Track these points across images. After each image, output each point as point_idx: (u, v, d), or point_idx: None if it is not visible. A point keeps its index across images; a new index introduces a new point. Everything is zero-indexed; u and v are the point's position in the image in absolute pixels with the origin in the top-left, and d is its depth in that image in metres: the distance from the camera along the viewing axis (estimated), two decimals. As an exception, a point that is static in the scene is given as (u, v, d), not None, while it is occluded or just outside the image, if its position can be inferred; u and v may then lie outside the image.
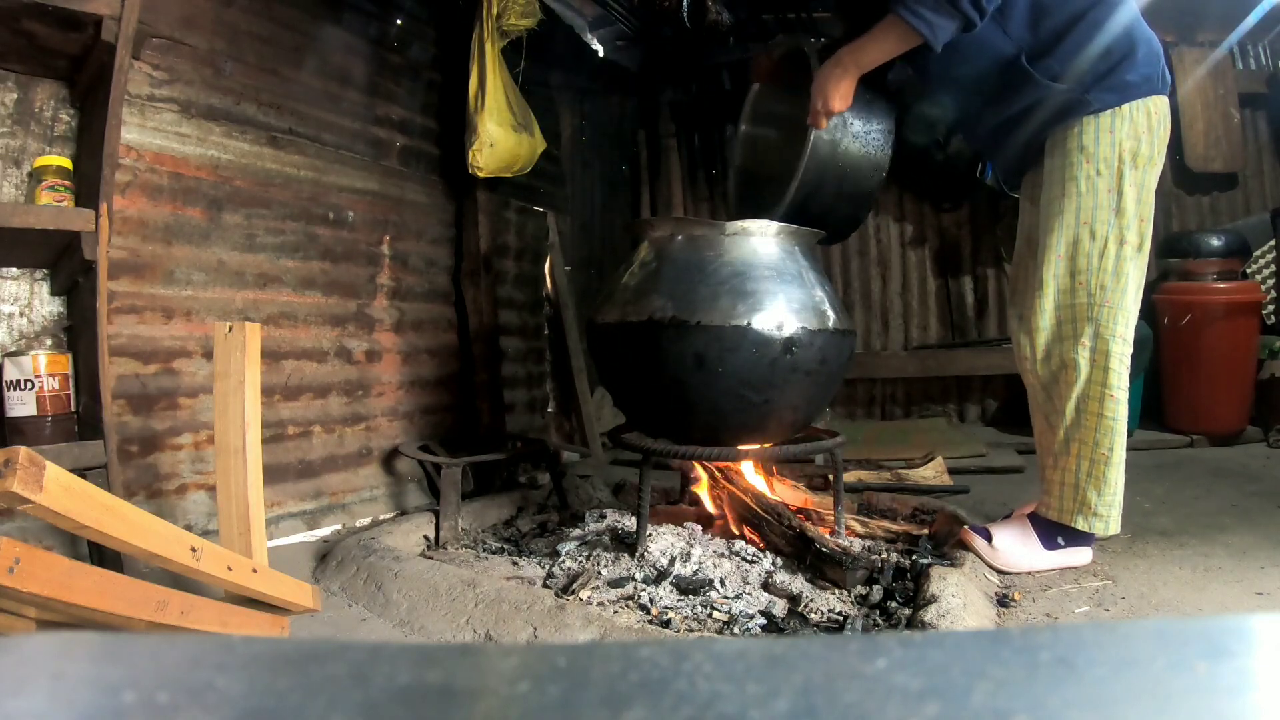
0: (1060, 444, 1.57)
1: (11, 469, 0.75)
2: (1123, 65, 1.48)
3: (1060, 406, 1.56)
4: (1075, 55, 1.47)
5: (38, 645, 0.24)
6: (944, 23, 1.42)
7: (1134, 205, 1.49)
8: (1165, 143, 1.52)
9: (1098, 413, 1.52)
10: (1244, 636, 0.23)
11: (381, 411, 2.28)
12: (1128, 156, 1.49)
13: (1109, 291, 1.50)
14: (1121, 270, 1.50)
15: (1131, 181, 1.49)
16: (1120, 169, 1.49)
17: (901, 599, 1.41)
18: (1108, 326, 1.50)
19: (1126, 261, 1.50)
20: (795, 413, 1.62)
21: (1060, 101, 1.51)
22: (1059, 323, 1.55)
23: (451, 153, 2.52)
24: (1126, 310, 1.51)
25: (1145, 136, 1.49)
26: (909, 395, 3.83)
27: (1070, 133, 1.52)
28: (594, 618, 1.31)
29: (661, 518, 1.80)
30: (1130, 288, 1.51)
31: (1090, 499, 1.54)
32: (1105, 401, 1.51)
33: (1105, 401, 1.51)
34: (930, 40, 1.43)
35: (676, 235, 1.61)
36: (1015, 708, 0.18)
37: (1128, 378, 1.52)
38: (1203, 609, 1.36)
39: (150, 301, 1.71)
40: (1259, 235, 3.33)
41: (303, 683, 0.20)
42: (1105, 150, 1.49)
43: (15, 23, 1.31)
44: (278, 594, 1.20)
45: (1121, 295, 1.50)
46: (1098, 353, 1.51)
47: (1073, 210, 1.52)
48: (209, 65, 1.84)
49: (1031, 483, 2.46)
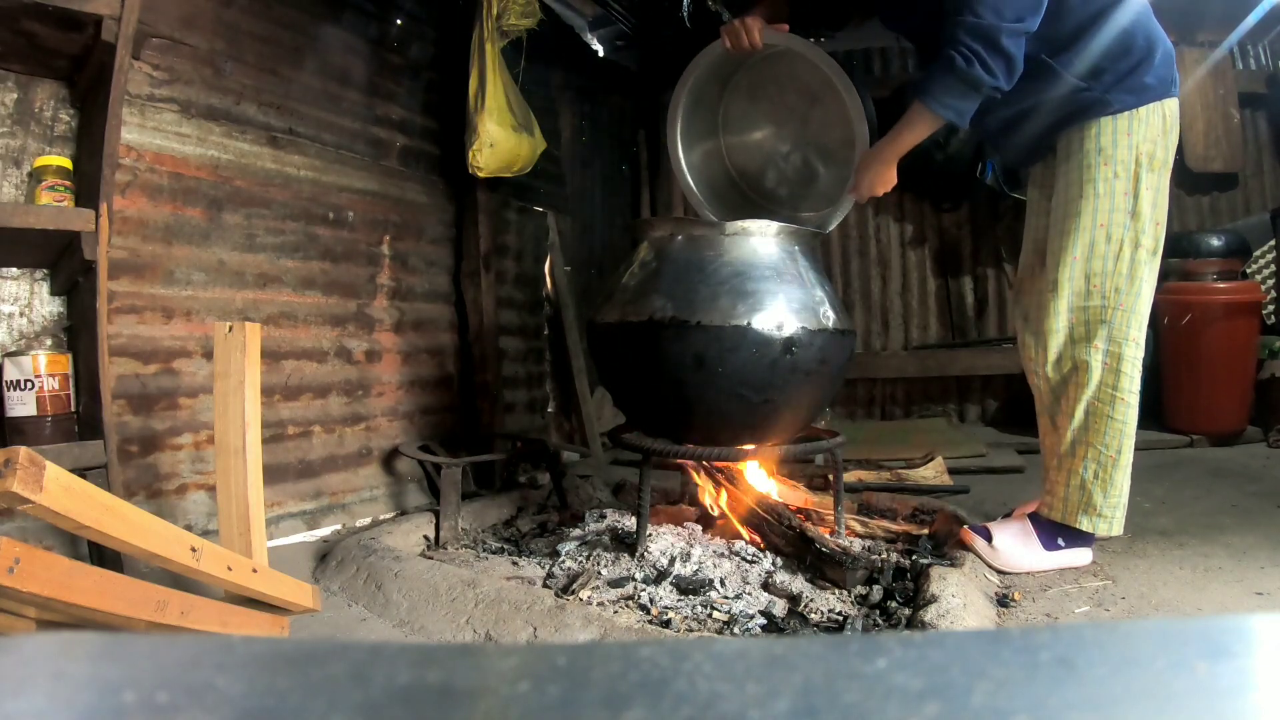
0: (1067, 446, 1.57)
1: (11, 469, 0.75)
2: (1141, 67, 1.48)
3: (1069, 409, 1.56)
4: (1094, 53, 1.48)
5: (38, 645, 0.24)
6: (969, 106, 1.46)
7: (1149, 208, 1.50)
8: (1175, 145, 1.53)
9: (1108, 415, 1.52)
10: (1244, 636, 0.23)
11: (381, 411, 2.28)
12: (1144, 159, 1.49)
13: (1123, 295, 1.50)
14: (1136, 274, 1.50)
15: (1148, 184, 1.49)
16: (1137, 172, 1.49)
17: (901, 599, 1.41)
18: (1121, 330, 1.51)
19: (1141, 265, 1.50)
20: (795, 413, 1.62)
21: (1078, 100, 1.51)
22: (1072, 325, 1.55)
23: (451, 153, 2.52)
24: (1139, 314, 1.52)
25: (1160, 140, 1.50)
26: (909, 395, 3.83)
27: (1087, 134, 1.52)
28: (594, 618, 1.31)
29: (661, 518, 1.80)
30: (1144, 291, 1.52)
31: (1096, 500, 1.54)
32: (1116, 405, 1.51)
33: (1116, 405, 1.51)
34: (958, 122, 1.50)
35: (676, 235, 1.61)
36: (1015, 708, 0.18)
37: (1139, 381, 1.53)
38: (1203, 609, 1.36)
39: (150, 301, 1.71)
40: (1259, 235, 3.33)
41: (303, 683, 0.20)
42: (1123, 153, 1.50)
43: (15, 23, 1.31)
44: (278, 594, 1.20)
45: (1135, 299, 1.51)
46: (1110, 356, 1.51)
47: (1090, 213, 1.52)
48: (209, 65, 1.84)
49: (1031, 483, 2.46)
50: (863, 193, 1.65)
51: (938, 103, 1.46)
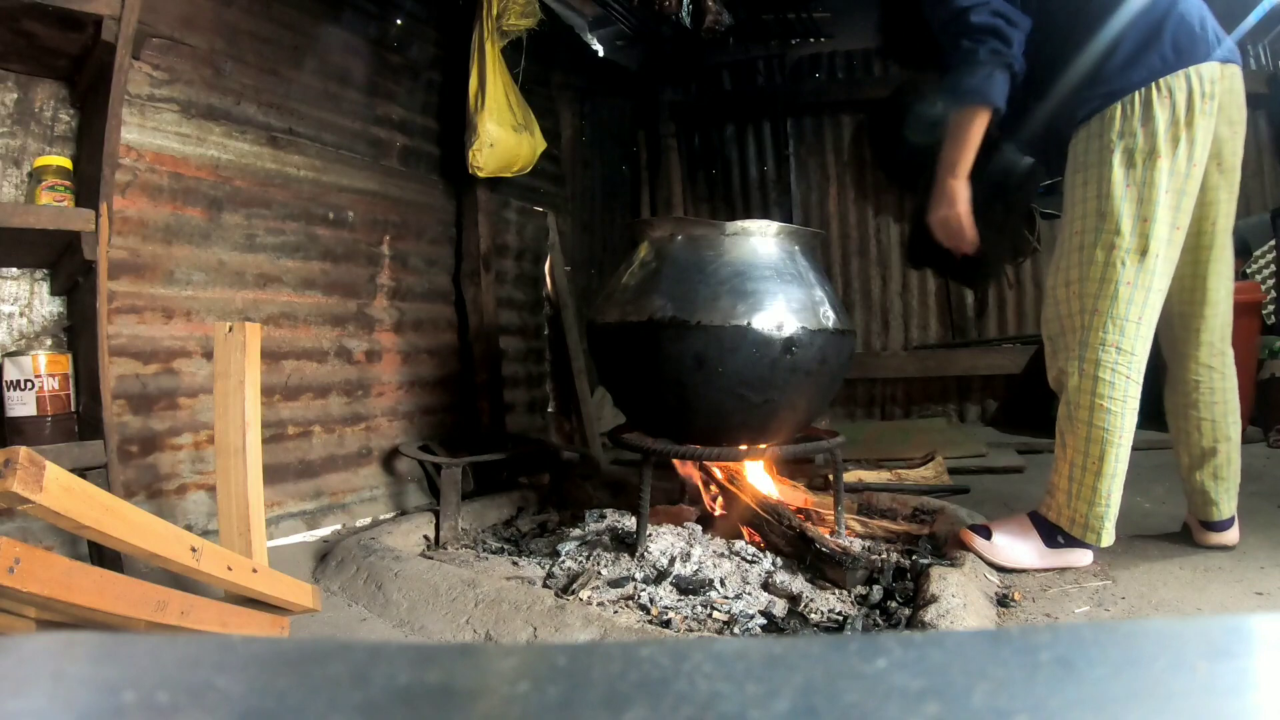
0: (1059, 449, 1.56)
1: (11, 469, 0.75)
2: (1106, 65, 1.44)
3: (1062, 413, 1.55)
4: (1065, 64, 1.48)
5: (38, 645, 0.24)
6: (983, 82, 1.44)
7: (1125, 205, 1.43)
8: (1187, 121, 1.42)
9: (1087, 421, 1.48)
10: (1244, 636, 0.23)
11: (381, 411, 2.28)
12: (1116, 158, 1.43)
13: (1097, 299, 1.46)
14: (1109, 277, 1.44)
15: (1124, 180, 1.43)
16: (1104, 172, 1.44)
17: (901, 599, 1.41)
18: (1096, 334, 1.46)
19: (1116, 267, 1.44)
20: (795, 413, 1.62)
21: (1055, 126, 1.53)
22: (1058, 333, 1.55)
23: (451, 153, 2.52)
24: (1119, 318, 1.45)
25: (1143, 128, 1.41)
26: (909, 395, 3.83)
27: (1073, 148, 1.53)
28: (594, 618, 1.31)
29: (661, 518, 1.80)
30: (1123, 294, 1.44)
31: (1080, 510, 1.51)
32: (1096, 412, 1.47)
33: (1096, 412, 1.47)
34: (989, 103, 1.46)
35: (676, 235, 1.61)
36: (1015, 708, 0.18)
37: (1131, 387, 1.47)
38: (1203, 609, 1.36)
39: (150, 301, 1.71)
40: (1259, 235, 3.33)
41: (303, 683, 0.20)
42: (1091, 156, 1.47)
43: (15, 23, 1.31)
44: (278, 594, 1.20)
45: (1111, 302, 1.45)
46: (1087, 362, 1.47)
47: (1067, 222, 1.52)
48: (209, 65, 1.84)
49: (1032, 483, 2.46)
50: (949, 242, 1.63)
51: (956, 97, 1.47)
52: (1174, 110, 1.42)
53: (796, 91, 3.94)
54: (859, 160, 3.94)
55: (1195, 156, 1.45)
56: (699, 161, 4.13)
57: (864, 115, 3.91)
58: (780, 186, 3.99)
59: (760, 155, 4.04)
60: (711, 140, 4.10)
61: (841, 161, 3.96)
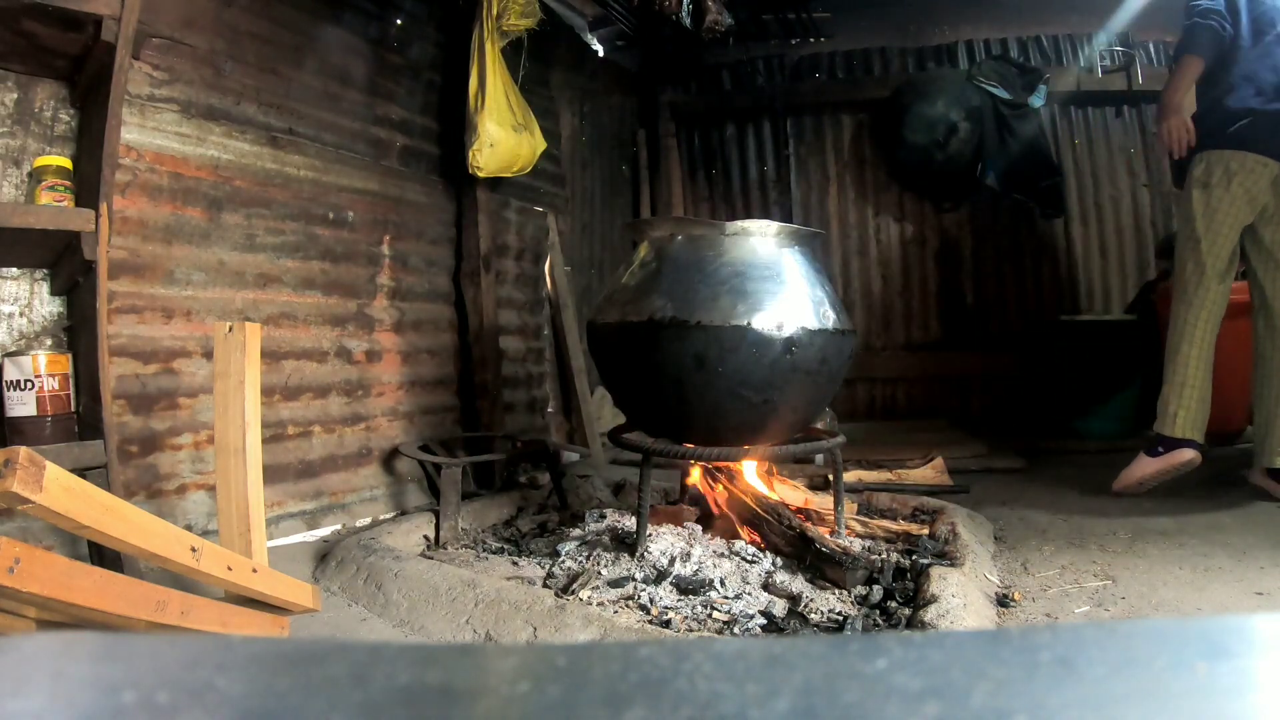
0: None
1: (11, 469, 0.75)
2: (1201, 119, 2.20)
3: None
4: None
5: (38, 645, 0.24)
6: (1192, 37, 2.10)
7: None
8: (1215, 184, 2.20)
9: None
10: (1244, 636, 0.23)
11: (381, 411, 2.28)
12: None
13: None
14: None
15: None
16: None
17: (901, 599, 1.41)
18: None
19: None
20: (795, 413, 1.62)
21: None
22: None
23: (451, 153, 2.52)
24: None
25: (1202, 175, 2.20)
26: (909, 395, 3.83)
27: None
28: (594, 618, 1.31)
29: (661, 518, 1.80)
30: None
31: (1158, 408, 2.18)
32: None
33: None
34: (1194, 52, 2.10)
35: (676, 235, 1.61)
36: (1015, 708, 0.18)
37: (1191, 323, 2.20)
38: (1203, 609, 1.36)
39: (150, 301, 1.71)
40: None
41: (303, 683, 0.20)
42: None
43: (15, 23, 1.31)
44: (277, 594, 1.20)
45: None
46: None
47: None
48: (209, 65, 1.84)
49: (1032, 482, 2.46)
50: (1165, 129, 2.20)
51: (1177, 49, 2.20)
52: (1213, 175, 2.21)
53: (796, 91, 3.94)
54: (859, 160, 3.94)
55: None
56: (699, 161, 4.13)
57: (864, 115, 3.91)
58: (780, 186, 3.99)
59: (760, 155, 4.04)
60: (711, 140, 4.10)
61: (841, 161, 3.96)
